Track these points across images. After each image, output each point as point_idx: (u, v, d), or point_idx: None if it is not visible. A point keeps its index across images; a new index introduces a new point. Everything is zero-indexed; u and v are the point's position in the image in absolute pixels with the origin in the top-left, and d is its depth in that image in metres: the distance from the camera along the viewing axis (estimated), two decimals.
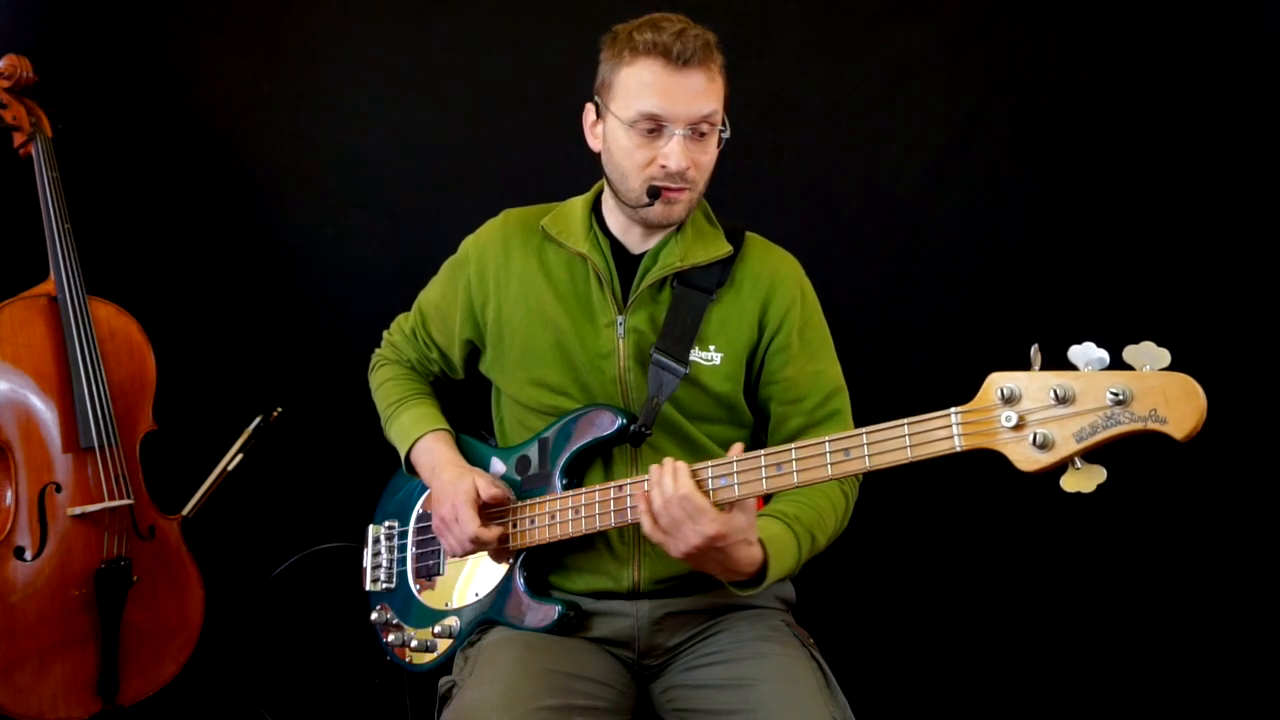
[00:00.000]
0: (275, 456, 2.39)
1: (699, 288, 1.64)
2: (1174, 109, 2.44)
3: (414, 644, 1.73)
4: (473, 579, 1.71)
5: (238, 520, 2.47)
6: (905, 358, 2.53)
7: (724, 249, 1.66)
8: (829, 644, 1.65)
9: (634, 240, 1.68)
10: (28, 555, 2.06)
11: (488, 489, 1.62)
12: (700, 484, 1.41)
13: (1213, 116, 2.43)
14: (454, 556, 1.69)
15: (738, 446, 1.43)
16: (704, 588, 1.66)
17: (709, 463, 1.43)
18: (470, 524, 1.58)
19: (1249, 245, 2.43)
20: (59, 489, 2.11)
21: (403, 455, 1.76)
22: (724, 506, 1.40)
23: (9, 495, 2.08)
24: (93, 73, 2.55)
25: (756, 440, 1.71)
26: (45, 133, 2.22)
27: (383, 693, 2.19)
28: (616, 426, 1.59)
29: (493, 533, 1.60)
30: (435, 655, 1.72)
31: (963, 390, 1.25)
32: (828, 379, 1.67)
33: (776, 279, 1.68)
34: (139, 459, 2.21)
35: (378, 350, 1.94)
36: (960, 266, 2.54)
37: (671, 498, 1.39)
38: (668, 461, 1.43)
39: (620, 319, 1.64)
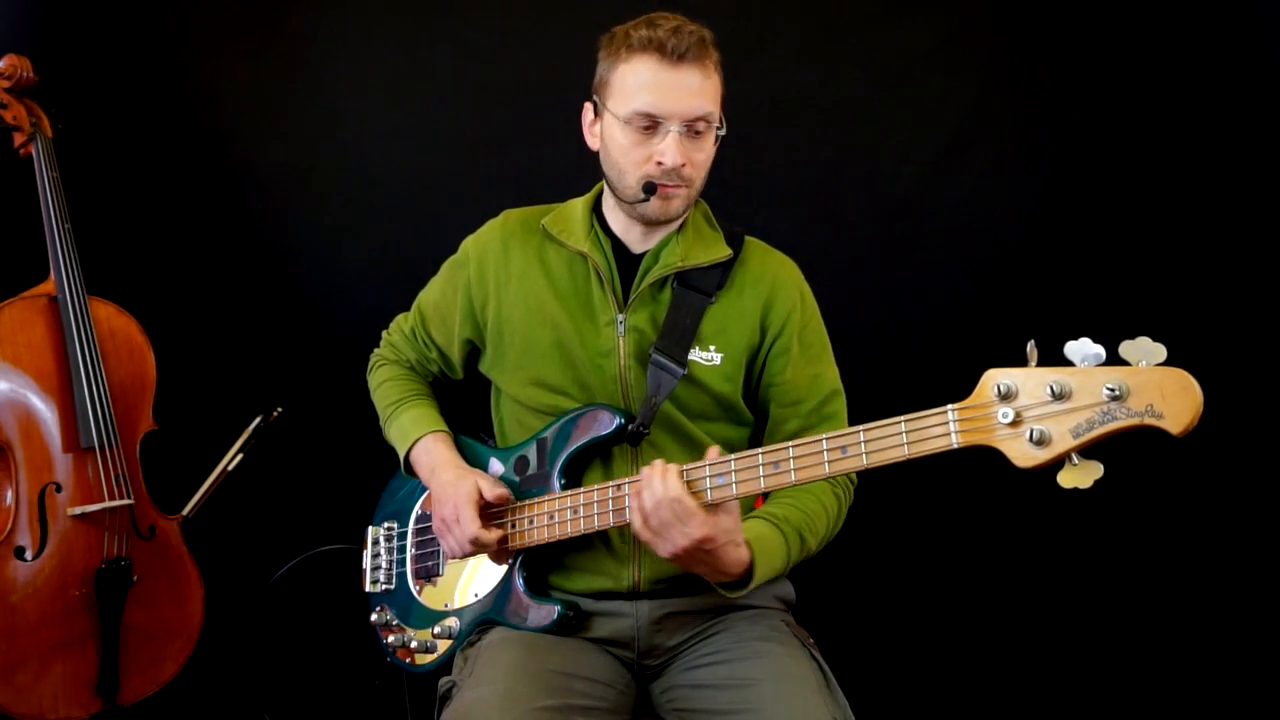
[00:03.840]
0: (275, 456, 2.39)
1: (699, 289, 1.64)
2: (1172, 109, 2.44)
3: (414, 645, 1.73)
4: (472, 579, 1.70)
5: (238, 521, 2.47)
6: (905, 358, 2.53)
7: (724, 252, 1.67)
8: (829, 644, 1.65)
9: (635, 239, 1.69)
10: (28, 555, 2.06)
11: (491, 490, 1.62)
12: (693, 484, 1.41)
13: (1211, 116, 2.43)
14: (453, 558, 1.69)
15: (713, 450, 1.43)
16: (704, 588, 1.66)
17: (703, 462, 1.43)
18: (471, 525, 1.58)
19: (1246, 243, 2.43)
20: (59, 489, 2.11)
21: (401, 456, 1.76)
22: (710, 509, 1.40)
23: (9, 495, 2.08)
24: (93, 73, 2.55)
25: (756, 440, 1.71)
26: (45, 133, 2.22)
27: (383, 694, 2.19)
28: (615, 426, 1.59)
29: (493, 534, 1.60)
30: (435, 656, 1.72)
31: (961, 389, 1.25)
32: (825, 382, 1.68)
33: (777, 282, 1.69)
34: (139, 459, 2.21)
35: (376, 350, 1.94)
36: (960, 266, 2.54)
37: (662, 500, 1.39)
38: (658, 463, 1.43)
39: (621, 317, 1.64)
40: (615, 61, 1.58)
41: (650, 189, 1.57)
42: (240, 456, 2.30)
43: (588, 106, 1.67)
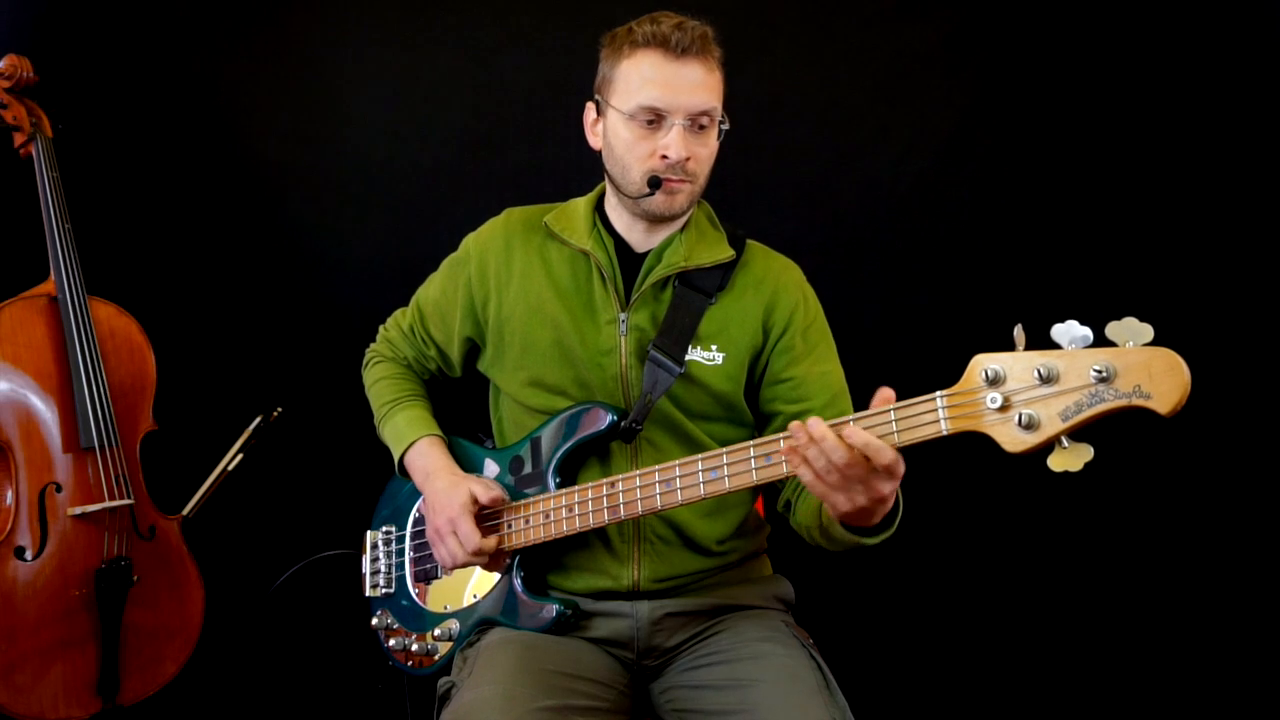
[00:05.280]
0: (275, 456, 2.39)
1: (700, 289, 1.64)
2: (1170, 108, 2.44)
3: (415, 648, 1.73)
4: (471, 581, 1.70)
5: (238, 521, 2.46)
6: (905, 357, 2.52)
7: (726, 253, 1.67)
8: (829, 644, 1.65)
9: (638, 238, 1.69)
10: (28, 555, 2.06)
11: (485, 494, 1.61)
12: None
13: (1209, 115, 2.43)
14: (447, 568, 1.68)
15: (887, 393, 1.29)
16: (704, 588, 1.67)
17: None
18: (472, 537, 1.58)
19: (1231, 228, 2.44)
20: (59, 489, 2.11)
21: (396, 458, 1.75)
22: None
23: (9, 495, 2.08)
24: (93, 73, 2.55)
25: None
26: (45, 133, 2.22)
27: (385, 697, 2.19)
28: (607, 423, 1.59)
29: (491, 542, 1.60)
30: (436, 658, 1.72)
31: (951, 376, 1.25)
32: (834, 380, 1.68)
33: (780, 283, 1.69)
34: (139, 459, 2.21)
35: (372, 346, 1.93)
36: (960, 266, 2.54)
37: (846, 460, 1.26)
38: (811, 425, 1.28)
39: (623, 316, 1.64)
40: (618, 58, 1.59)
41: (655, 183, 1.57)
42: (240, 456, 2.30)
43: (590, 106, 1.67)
